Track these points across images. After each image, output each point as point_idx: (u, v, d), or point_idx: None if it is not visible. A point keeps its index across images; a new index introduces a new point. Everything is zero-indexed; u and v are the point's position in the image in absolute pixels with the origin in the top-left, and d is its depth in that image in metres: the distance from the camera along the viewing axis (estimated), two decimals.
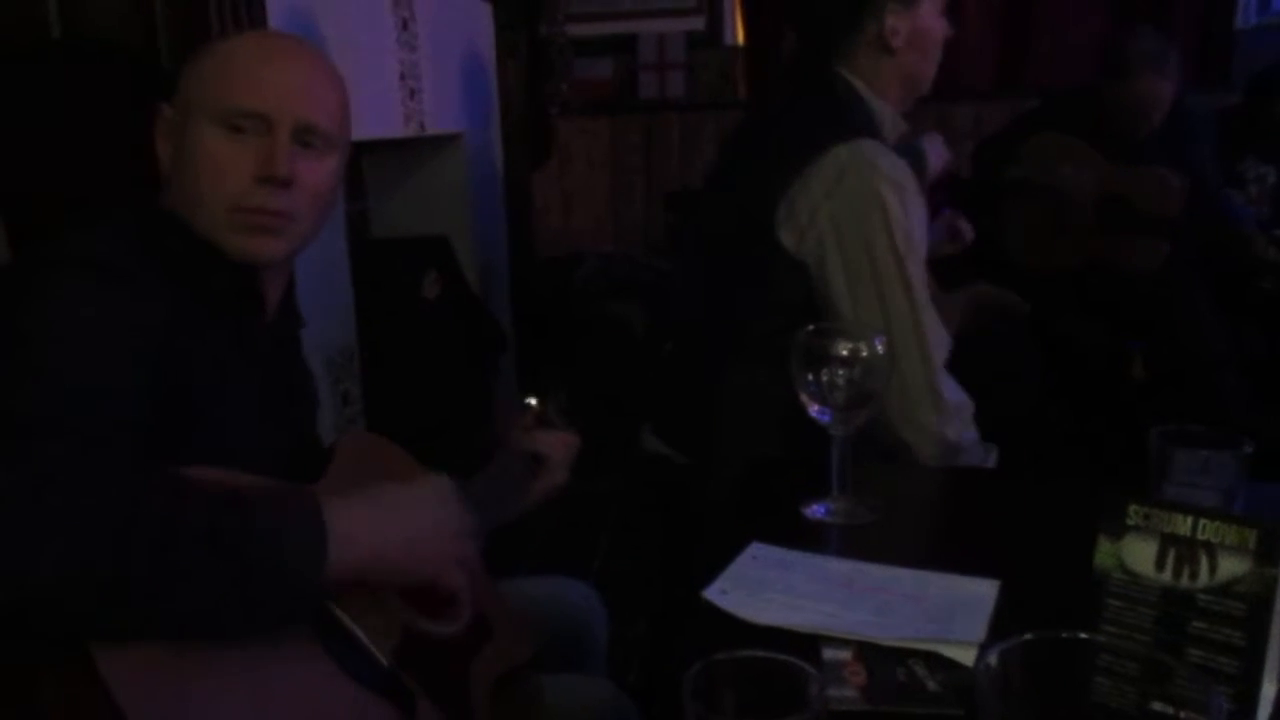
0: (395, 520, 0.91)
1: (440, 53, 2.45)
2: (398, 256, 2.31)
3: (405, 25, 2.24)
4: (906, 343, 1.40)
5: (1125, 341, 2.96)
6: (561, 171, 4.40)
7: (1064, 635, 0.62)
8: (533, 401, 1.36)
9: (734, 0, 4.42)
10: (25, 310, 0.85)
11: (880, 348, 1.14)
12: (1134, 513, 0.80)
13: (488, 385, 2.57)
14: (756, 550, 1.07)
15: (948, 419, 1.40)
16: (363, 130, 2.11)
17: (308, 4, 1.78)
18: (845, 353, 1.14)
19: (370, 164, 2.65)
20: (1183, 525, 0.78)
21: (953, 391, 1.44)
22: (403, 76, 2.23)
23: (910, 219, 1.43)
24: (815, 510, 1.16)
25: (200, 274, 1.00)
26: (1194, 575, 0.77)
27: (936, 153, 1.99)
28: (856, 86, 1.56)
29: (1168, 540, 0.78)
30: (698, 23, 4.46)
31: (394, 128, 2.22)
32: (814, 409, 1.15)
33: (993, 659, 0.59)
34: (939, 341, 1.44)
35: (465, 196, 2.69)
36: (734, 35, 4.45)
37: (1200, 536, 0.77)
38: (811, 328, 1.16)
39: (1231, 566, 0.76)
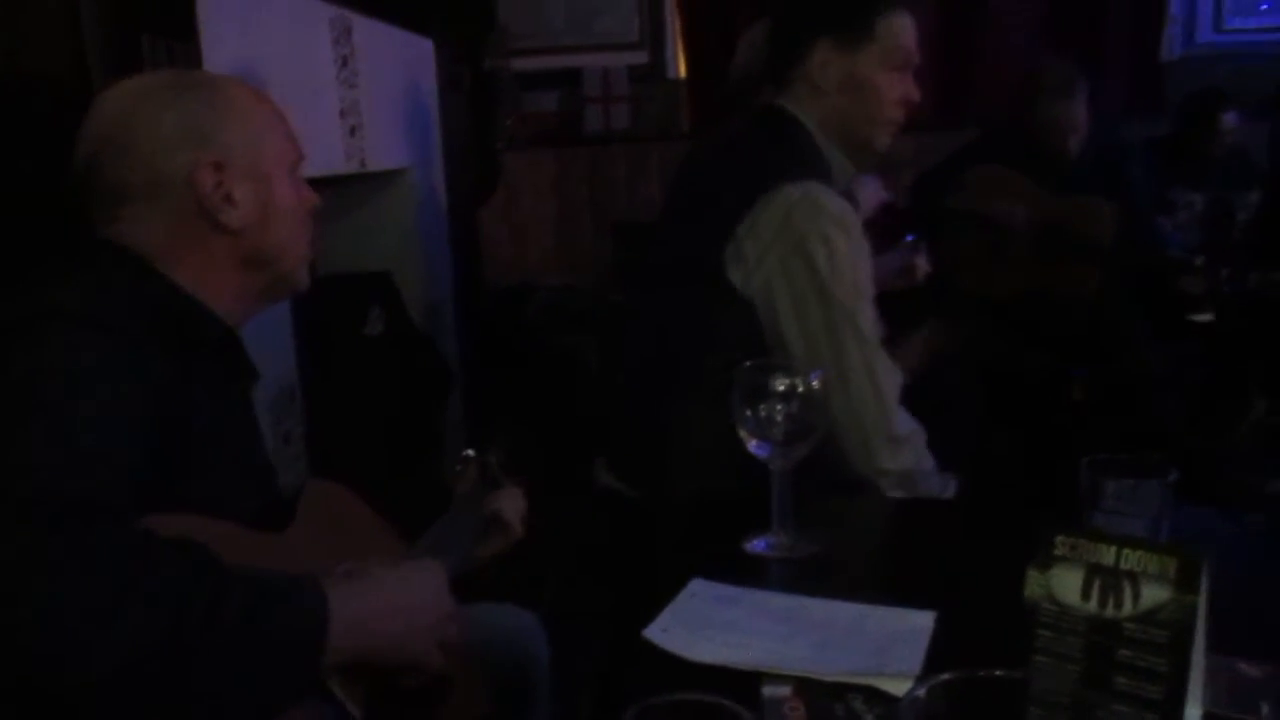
0: (393, 610, 0.93)
1: (381, 89, 2.45)
2: (340, 294, 2.29)
3: (345, 62, 2.24)
4: (860, 382, 1.42)
5: (1065, 367, 3.02)
6: (510, 204, 4.41)
7: (985, 674, 0.63)
8: (470, 453, 1.36)
9: (676, 34, 4.48)
10: (33, 368, 0.83)
11: (816, 383, 1.15)
12: (1061, 543, 0.81)
13: (435, 423, 2.56)
14: (697, 587, 1.08)
15: (903, 451, 1.42)
16: (303, 168, 2.12)
17: (246, 41, 1.77)
18: (783, 388, 1.15)
19: None
20: (1107, 555, 0.79)
21: (905, 423, 1.46)
22: (343, 113, 2.22)
23: (858, 260, 1.45)
24: (756, 545, 1.17)
25: (190, 331, 1.00)
26: (1119, 604, 0.78)
27: (872, 194, 2.02)
28: (805, 124, 1.57)
29: (1093, 570, 0.80)
30: (641, 57, 4.51)
31: (335, 165, 2.21)
32: (753, 444, 1.16)
33: (919, 694, 0.60)
34: (890, 377, 1.45)
35: (409, 232, 2.68)
36: (677, 69, 4.51)
37: (1124, 566, 0.79)
38: (749, 363, 1.17)
39: (1154, 595, 0.77)
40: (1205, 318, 3.14)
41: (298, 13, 2.05)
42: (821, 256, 1.42)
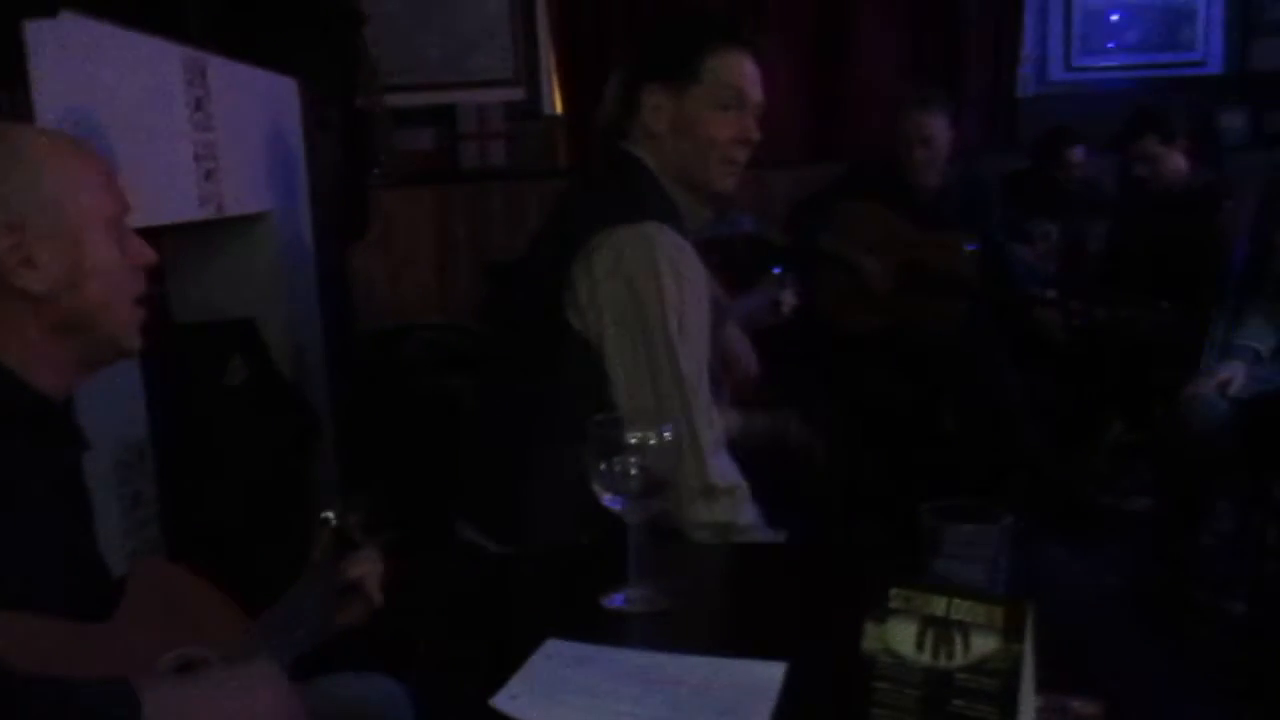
0: (213, 711, 0.85)
1: (241, 131, 2.38)
2: (197, 343, 2.20)
3: (200, 105, 2.17)
4: (676, 430, 1.42)
5: (934, 399, 3.11)
6: (387, 243, 4.34)
7: None
8: (330, 516, 1.31)
9: (552, 70, 4.49)
10: None
11: (669, 435, 1.15)
12: (896, 595, 0.82)
13: (304, 474, 2.48)
14: (552, 648, 1.06)
15: (718, 503, 1.42)
16: (154, 215, 2.04)
17: (85, 87, 1.69)
18: (635, 441, 1.14)
19: (171, 247, 2.54)
20: (939, 606, 0.81)
21: (725, 475, 1.45)
22: (198, 158, 2.15)
23: (687, 304, 1.45)
24: (614, 600, 1.15)
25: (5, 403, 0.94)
26: (951, 655, 0.80)
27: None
28: (650, 167, 1.59)
29: (926, 621, 0.81)
30: (517, 93, 4.51)
31: (189, 211, 2.13)
32: (607, 498, 1.15)
33: None
34: (708, 425, 1.45)
35: (274, 276, 2.60)
36: (553, 105, 4.52)
37: (955, 616, 0.80)
38: (601, 417, 1.16)
39: (983, 644, 0.79)
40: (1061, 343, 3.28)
41: (146, 56, 1.98)
42: (649, 295, 1.42)
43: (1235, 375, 2.50)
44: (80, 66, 1.64)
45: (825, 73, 4.41)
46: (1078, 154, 3.74)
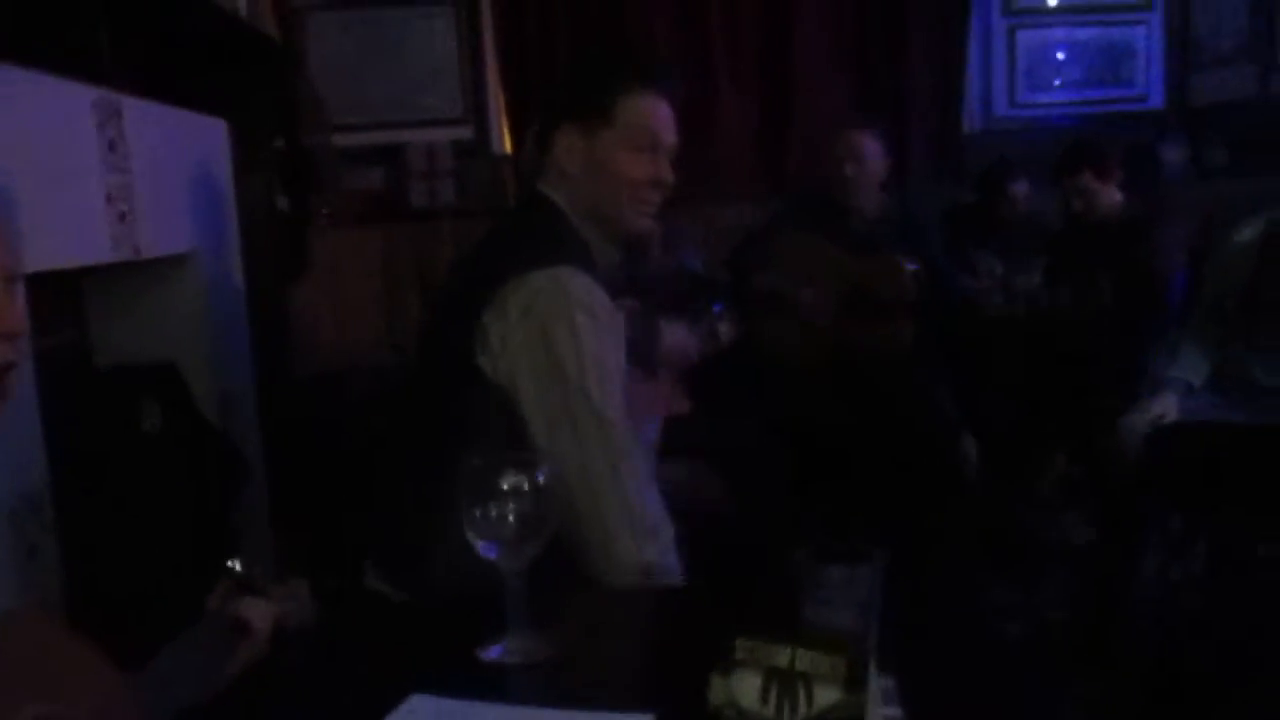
0: None
1: (160, 172, 2.34)
2: (109, 388, 2.15)
3: (113, 146, 2.13)
4: (600, 470, 1.39)
5: (874, 426, 3.08)
6: (333, 283, 4.30)
7: None
8: (234, 563, 1.27)
9: (500, 109, 4.49)
10: None
11: (543, 479, 1.11)
12: (741, 647, 0.79)
13: (227, 522, 2.42)
14: (416, 703, 1.01)
15: (646, 543, 1.39)
16: (64, 257, 2.00)
17: None
18: (509, 485, 1.11)
19: (93, 289, 2.49)
20: (783, 658, 0.78)
21: (651, 515, 1.42)
22: (110, 199, 2.11)
23: (604, 346, 1.43)
24: (491, 651, 1.11)
25: None
26: (794, 707, 0.76)
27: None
28: (561, 207, 1.57)
29: (770, 673, 0.78)
30: (465, 132, 4.50)
31: (101, 253, 2.09)
32: (481, 545, 1.11)
33: None
34: (633, 464, 1.43)
35: (199, 319, 2.56)
36: (502, 143, 4.51)
37: (798, 668, 0.77)
38: (476, 460, 1.13)
39: (826, 696, 0.76)
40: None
41: (52, 96, 1.94)
42: (563, 340, 1.40)
43: (1168, 408, 2.49)
44: None
45: (772, 107, 4.44)
46: (1021, 188, 3.77)
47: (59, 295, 2.32)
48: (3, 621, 1.03)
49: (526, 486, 1.10)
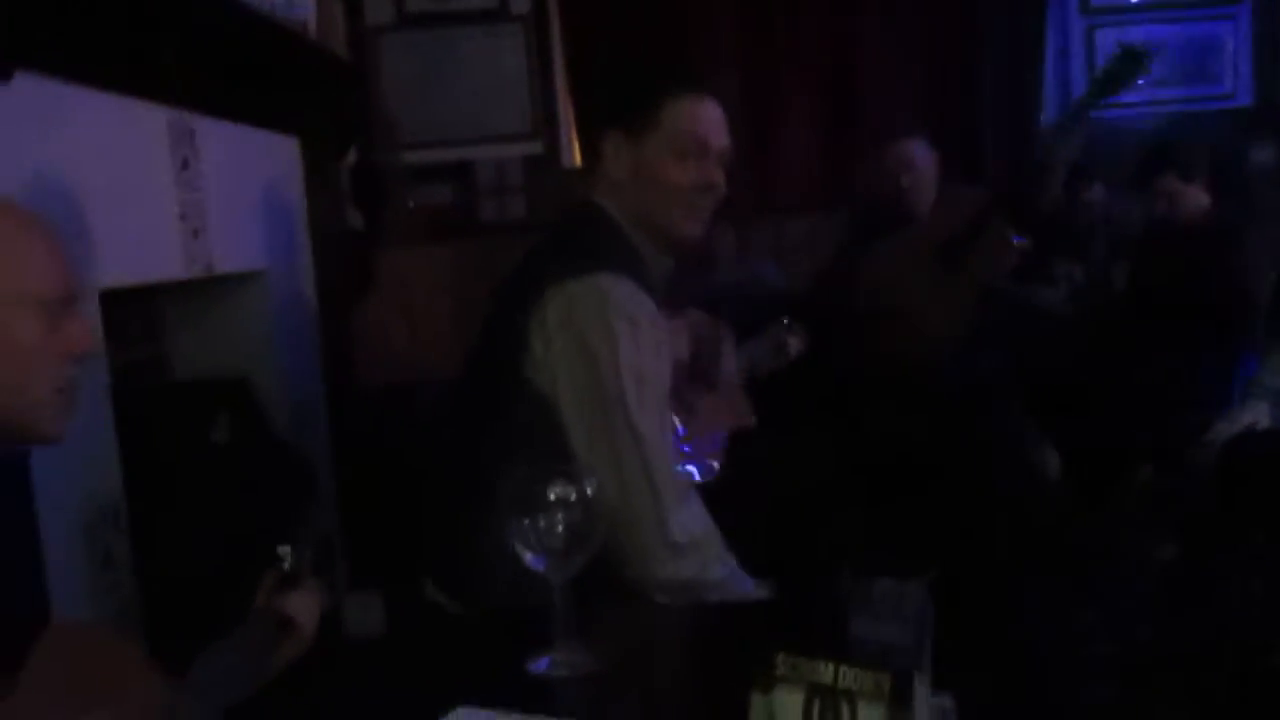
0: None
1: (232, 190, 2.40)
2: (182, 402, 2.20)
3: (186, 165, 2.19)
4: (636, 482, 1.37)
5: (948, 435, 3.00)
6: (405, 299, 4.36)
7: None
8: (286, 551, 1.29)
9: (570, 122, 4.51)
10: None
11: (591, 489, 1.10)
12: (782, 663, 0.76)
13: (293, 531, 2.45)
14: (461, 715, 1.01)
15: (683, 559, 1.36)
16: (137, 273, 2.06)
17: (51, 148, 1.71)
18: (555, 496, 1.10)
19: (169, 305, 2.56)
20: (826, 674, 0.75)
21: (691, 528, 1.39)
22: (183, 217, 2.17)
23: (643, 354, 1.41)
24: (539, 664, 1.10)
25: None
26: None
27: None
28: (613, 216, 1.56)
29: (813, 690, 0.75)
30: (535, 147, 4.53)
31: (174, 270, 2.14)
32: (529, 557, 1.10)
33: None
34: (670, 478, 1.40)
35: (271, 335, 2.61)
36: (572, 158, 4.53)
37: (842, 685, 0.74)
38: (521, 471, 1.12)
39: (870, 713, 0.73)
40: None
41: (127, 118, 2.00)
42: (602, 349, 1.39)
43: (1259, 417, 2.39)
44: (40, 130, 1.66)
45: (840, 117, 4.38)
46: (1096, 193, 3.65)
47: (137, 311, 2.38)
48: (54, 635, 1.04)
49: (574, 497, 1.09)
